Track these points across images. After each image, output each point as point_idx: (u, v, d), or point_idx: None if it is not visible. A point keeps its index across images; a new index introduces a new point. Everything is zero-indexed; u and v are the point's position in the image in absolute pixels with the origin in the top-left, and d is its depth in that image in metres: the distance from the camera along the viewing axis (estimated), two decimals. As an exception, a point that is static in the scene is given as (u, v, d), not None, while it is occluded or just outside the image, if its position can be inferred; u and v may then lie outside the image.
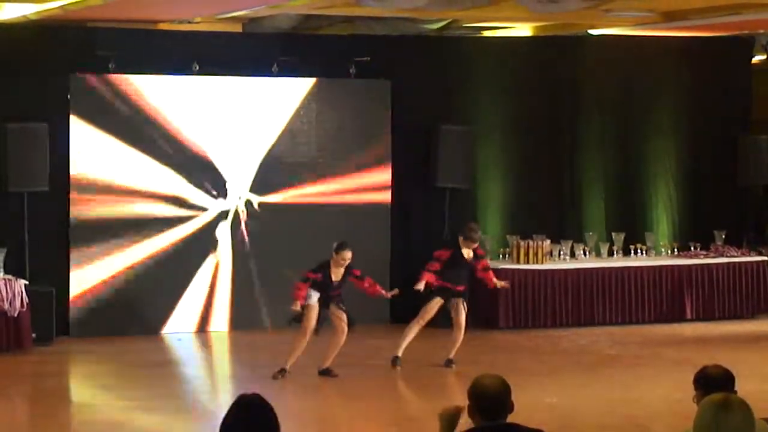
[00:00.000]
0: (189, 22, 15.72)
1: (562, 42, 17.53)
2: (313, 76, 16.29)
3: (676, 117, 18.03)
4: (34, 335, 14.47)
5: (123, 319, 15.59)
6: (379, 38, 16.49)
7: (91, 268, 15.46)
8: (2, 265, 14.46)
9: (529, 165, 17.28)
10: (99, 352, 14.84)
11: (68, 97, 15.33)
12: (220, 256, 15.99)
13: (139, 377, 13.68)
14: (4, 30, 15.07)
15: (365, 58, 16.24)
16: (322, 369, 13.13)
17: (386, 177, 16.61)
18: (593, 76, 17.64)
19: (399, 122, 16.62)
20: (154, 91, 15.66)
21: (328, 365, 13.14)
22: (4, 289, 14.10)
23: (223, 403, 11.88)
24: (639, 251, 17.11)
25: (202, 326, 15.88)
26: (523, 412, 5.30)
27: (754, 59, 18.95)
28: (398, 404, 12.74)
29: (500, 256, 16.53)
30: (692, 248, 17.32)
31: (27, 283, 14.39)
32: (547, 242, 16.48)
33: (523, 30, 17.49)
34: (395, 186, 16.63)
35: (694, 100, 18.03)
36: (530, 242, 16.36)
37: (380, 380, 13.30)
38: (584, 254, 16.86)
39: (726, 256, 17.21)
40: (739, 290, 17.15)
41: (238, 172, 16.07)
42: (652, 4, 15.00)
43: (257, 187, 16.16)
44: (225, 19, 15.61)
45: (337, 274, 12.97)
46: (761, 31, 17.81)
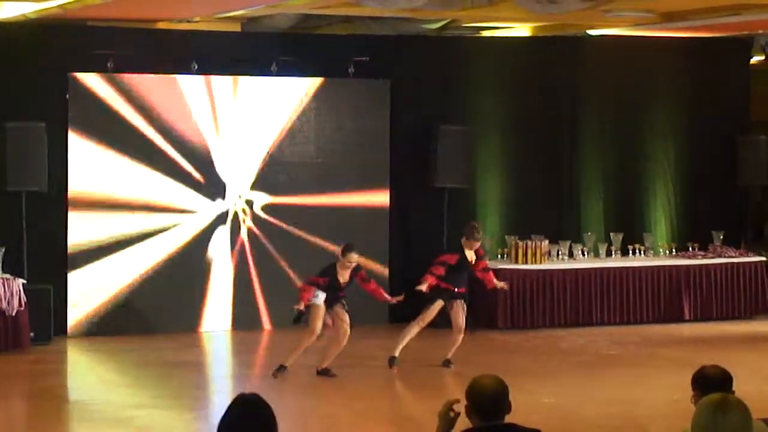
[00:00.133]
0: (188, 22, 15.72)
1: (561, 42, 17.53)
2: (312, 76, 16.28)
3: (675, 117, 18.03)
4: (32, 334, 14.46)
5: (121, 319, 15.58)
6: (378, 38, 16.48)
7: (90, 267, 15.46)
8: (0, 264, 14.46)
9: (527, 165, 17.28)
10: (97, 352, 14.85)
11: (67, 96, 15.32)
12: (219, 256, 15.99)
13: (138, 377, 13.67)
14: (2, 29, 15.06)
15: (364, 58, 16.23)
16: (321, 369, 13.12)
17: (385, 177, 16.60)
18: (592, 76, 17.63)
19: (398, 122, 16.61)
20: (153, 91, 15.66)
21: (327, 365, 13.13)
22: (2, 288, 14.09)
23: (222, 403, 11.87)
24: (637, 251, 17.11)
25: (202, 326, 15.87)
26: (521, 413, 5.30)
27: (753, 60, 18.95)
28: (397, 404, 12.74)
29: (499, 257, 16.53)
30: (690, 249, 17.32)
31: (25, 282, 14.38)
32: (546, 242, 16.48)
33: (522, 30, 17.49)
34: (394, 186, 16.63)
35: (693, 100, 18.02)
36: (529, 242, 16.36)
37: (379, 380, 13.29)
38: (583, 254, 16.85)
39: (724, 257, 17.21)
40: (737, 291, 17.15)
41: (237, 172, 16.07)
42: (650, 4, 15.00)
43: (256, 186, 16.15)
44: (224, 19, 15.60)
45: (344, 276, 12.96)
46: (760, 31, 17.81)
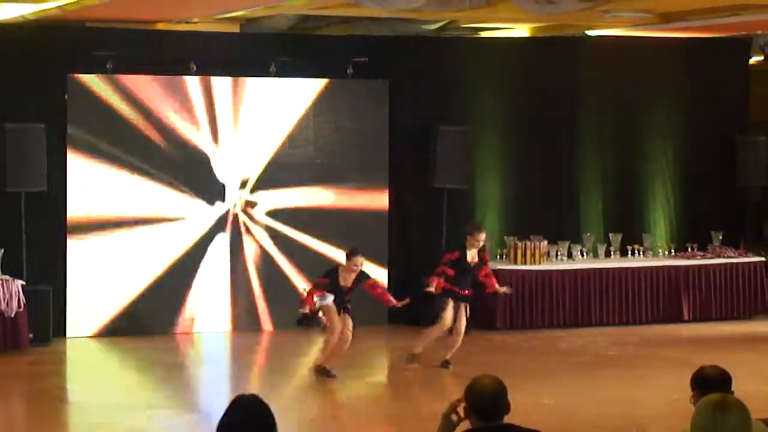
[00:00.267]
0: (186, 22, 15.71)
1: (560, 43, 17.52)
2: (311, 77, 16.27)
3: (674, 118, 18.03)
4: (31, 335, 14.46)
5: (120, 320, 15.58)
6: (377, 39, 16.48)
7: (89, 268, 15.45)
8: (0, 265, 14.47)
9: (527, 165, 17.27)
10: (96, 353, 14.84)
11: (66, 97, 15.32)
12: (218, 256, 15.98)
13: (137, 378, 13.67)
14: (1, 30, 15.05)
15: (363, 59, 16.23)
16: (320, 368, 13.11)
17: (384, 177, 16.59)
18: (591, 77, 17.63)
19: (397, 123, 16.61)
20: (152, 92, 15.65)
21: (327, 366, 13.13)
22: (1, 289, 14.08)
23: (221, 404, 11.86)
24: (636, 252, 17.10)
25: (201, 327, 15.87)
26: (521, 413, 5.30)
27: (752, 60, 18.95)
28: (397, 404, 12.73)
29: (498, 257, 16.52)
30: (690, 249, 17.31)
31: (24, 283, 14.37)
32: (545, 243, 16.47)
33: (520, 31, 17.48)
34: (393, 186, 16.62)
35: (692, 101, 18.02)
36: (527, 243, 16.35)
37: (379, 380, 13.29)
38: (582, 255, 16.84)
39: (723, 257, 17.20)
40: (736, 291, 17.15)
41: (236, 173, 16.06)
42: (649, 5, 15.00)
43: (256, 187, 16.15)
44: (223, 20, 15.59)
45: (347, 280, 12.93)
46: (758, 32, 17.81)
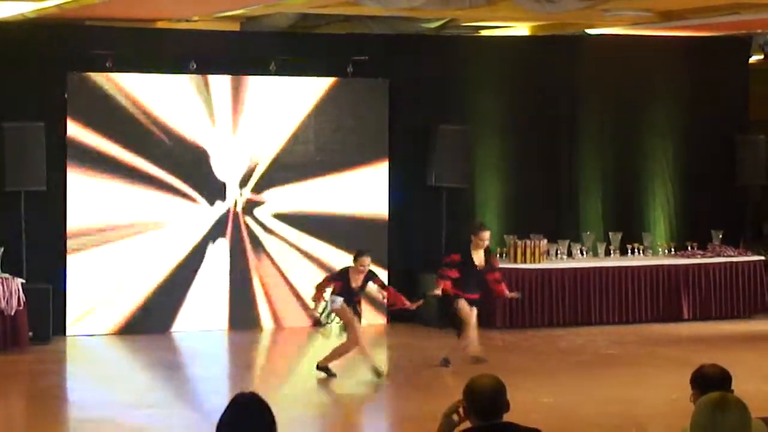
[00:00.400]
0: (186, 21, 15.71)
1: (560, 42, 17.52)
2: (311, 75, 16.27)
3: (674, 117, 18.03)
4: (30, 334, 14.45)
5: (120, 319, 15.58)
6: (377, 37, 16.47)
7: (89, 266, 15.45)
8: (-1, 263, 14.49)
9: (526, 164, 17.27)
10: (96, 352, 14.84)
11: (65, 95, 15.32)
12: (218, 255, 15.98)
13: (137, 376, 13.67)
14: (1, 29, 15.05)
15: (363, 57, 16.23)
16: (321, 365, 13.10)
17: (384, 176, 16.59)
18: (591, 76, 17.62)
19: (397, 121, 16.61)
20: (151, 90, 15.64)
21: (327, 364, 13.12)
22: (1, 287, 14.08)
23: (221, 403, 11.86)
24: (636, 251, 17.10)
25: (201, 325, 15.86)
26: (520, 412, 5.29)
27: (752, 59, 18.95)
28: (397, 404, 12.73)
29: (498, 256, 16.50)
30: (689, 248, 17.31)
31: (24, 281, 14.37)
32: (545, 242, 16.47)
33: (520, 29, 17.48)
34: (393, 185, 16.62)
35: (692, 99, 18.02)
36: (527, 242, 16.34)
37: (378, 381, 13.27)
38: (581, 254, 16.84)
39: (723, 256, 17.20)
40: (736, 290, 17.15)
41: (236, 172, 16.06)
42: (649, 3, 15.00)
43: (255, 186, 16.15)
44: (223, 18, 15.59)
45: (356, 281, 12.92)
46: (758, 31, 17.81)
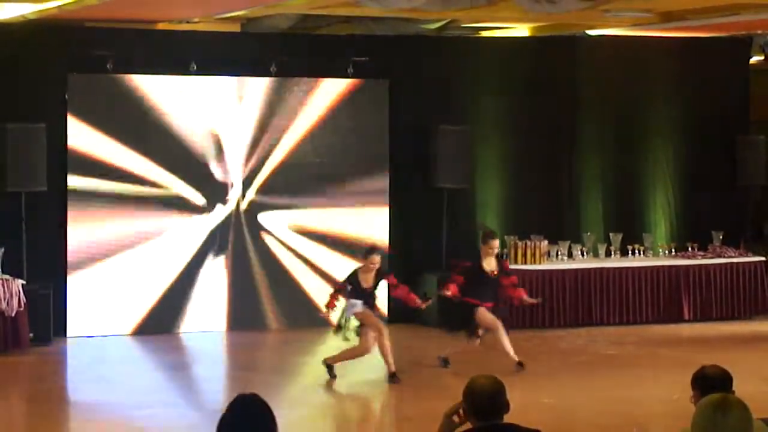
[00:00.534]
0: (187, 22, 15.71)
1: (560, 42, 17.52)
2: (311, 76, 16.28)
3: (674, 117, 18.03)
4: (31, 335, 14.46)
5: (121, 319, 15.58)
6: (377, 38, 16.48)
7: (89, 268, 15.46)
8: (0, 264, 14.46)
9: (526, 165, 17.27)
10: (96, 352, 14.84)
11: (66, 96, 15.32)
12: (219, 256, 15.98)
13: (138, 377, 13.66)
14: (2, 30, 15.06)
15: (363, 58, 16.24)
16: (327, 362, 13.05)
17: (384, 177, 16.60)
18: (591, 76, 17.63)
19: (397, 122, 16.61)
20: (152, 91, 15.65)
21: (333, 363, 13.03)
22: (2, 289, 14.09)
23: (221, 403, 11.87)
24: (637, 252, 17.10)
25: (203, 326, 15.87)
26: (521, 412, 5.30)
27: (752, 59, 18.95)
28: (397, 404, 12.73)
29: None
30: (690, 249, 17.31)
31: (24, 282, 14.38)
32: (545, 242, 16.47)
33: (521, 30, 17.48)
34: (393, 186, 16.62)
35: (692, 100, 18.02)
36: (528, 242, 16.35)
37: (378, 380, 13.28)
38: (582, 255, 16.84)
39: (724, 257, 17.20)
40: (736, 291, 17.14)
41: (236, 173, 16.06)
42: (649, 4, 14.99)
43: (255, 187, 16.15)
44: (223, 19, 15.60)
45: (367, 280, 12.86)
46: (759, 31, 17.81)
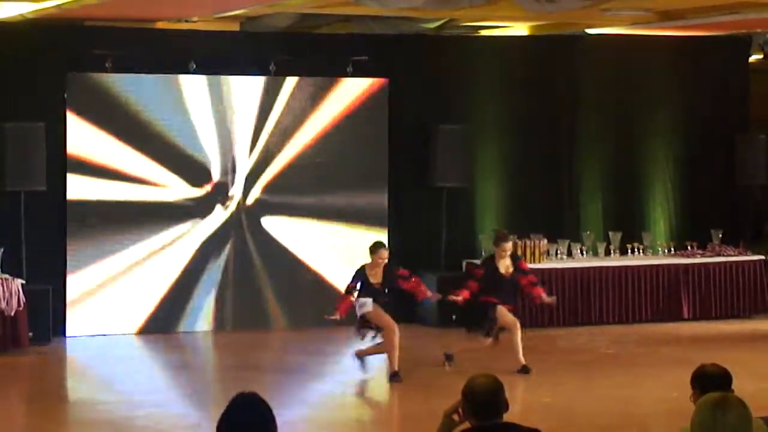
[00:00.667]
0: (186, 21, 15.70)
1: (560, 41, 17.52)
2: (310, 75, 16.28)
3: (674, 116, 18.03)
4: (30, 335, 14.45)
5: (121, 319, 15.58)
6: (376, 37, 16.47)
7: (89, 267, 15.45)
8: (-1, 264, 14.49)
9: (526, 164, 17.27)
10: (96, 352, 14.83)
11: (65, 96, 15.32)
12: (220, 255, 15.98)
13: (138, 377, 13.66)
14: (1, 29, 15.04)
15: (363, 57, 16.23)
16: (358, 354, 13.04)
17: (384, 176, 16.59)
18: (590, 75, 17.62)
19: (396, 121, 16.60)
20: (151, 90, 15.65)
21: (363, 356, 13.06)
22: (1, 288, 14.07)
23: (221, 403, 11.86)
24: (636, 250, 17.09)
25: (204, 326, 15.86)
26: (520, 412, 5.31)
27: (751, 58, 18.94)
28: (398, 403, 12.73)
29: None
30: (689, 247, 17.30)
31: (24, 282, 14.37)
32: (544, 241, 16.47)
33: (520, 29, 17.48)
34: (392, 185, 16.62)
35: (692, 99, 18.01)
36: (527, 241, 16.34)
37: (378, 380, 13.28)
38: (581, 253, 16.83)
39: (723, 256, 17.19)
40: (736, 289, 17.14)
41: (236, 173, 16.06)
42: (649, 3, 14.99)
43: (255, 186, 16.14)
44: (222, 18, 15.59)
45: (375, 276, 12.78)
46: (758, 30, 17.80)
